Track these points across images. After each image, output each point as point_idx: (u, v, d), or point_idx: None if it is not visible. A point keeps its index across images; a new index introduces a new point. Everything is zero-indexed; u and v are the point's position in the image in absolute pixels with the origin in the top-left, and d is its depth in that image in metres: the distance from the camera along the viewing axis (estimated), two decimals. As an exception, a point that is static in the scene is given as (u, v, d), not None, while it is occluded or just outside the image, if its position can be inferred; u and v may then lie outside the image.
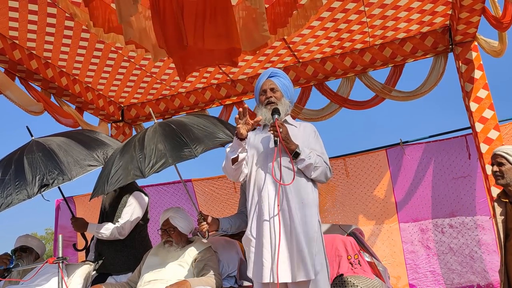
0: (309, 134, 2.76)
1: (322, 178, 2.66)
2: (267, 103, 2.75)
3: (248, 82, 5.56)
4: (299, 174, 2.60)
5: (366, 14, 4.40)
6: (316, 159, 2.60)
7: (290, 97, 2.86)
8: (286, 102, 2.80)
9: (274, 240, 2.48)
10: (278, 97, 2.78)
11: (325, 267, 2.51)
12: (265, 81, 2.84)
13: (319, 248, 2.50)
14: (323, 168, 2.62)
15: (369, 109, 5.32)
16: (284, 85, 2.84)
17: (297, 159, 2.56)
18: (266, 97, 2.77)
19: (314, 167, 2.58)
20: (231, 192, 6.13)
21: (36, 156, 3.26)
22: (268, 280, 2.45)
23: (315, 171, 2.59)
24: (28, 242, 3.93)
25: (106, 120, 5.97)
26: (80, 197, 6.59)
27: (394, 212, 5.41)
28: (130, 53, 4.75)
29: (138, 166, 2.92)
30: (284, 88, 2.82)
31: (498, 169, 3.12)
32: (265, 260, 2.47)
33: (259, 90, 2.85)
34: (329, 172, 2.68)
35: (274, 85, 2.80)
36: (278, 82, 2.82)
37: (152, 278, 3.12)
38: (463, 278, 5.02)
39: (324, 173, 2.64)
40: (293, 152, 2.56)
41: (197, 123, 3.17)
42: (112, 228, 3.52)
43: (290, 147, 2.56)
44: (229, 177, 2.80)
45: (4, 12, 3.87)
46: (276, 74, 2.86)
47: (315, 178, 2.63)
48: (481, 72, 4.61)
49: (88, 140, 3.56)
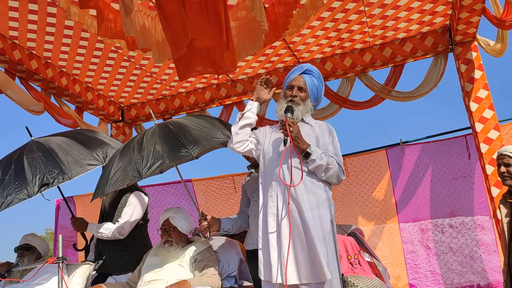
0: (324, 134, 2.67)
1: (334, 180, 2.58)
2: (289, 101, 2.68)
3: (248, 82, 5.56)
4: (311, 174, 2.54)
5: (366, 14, 4.41)
6: (328, 160, 2.52)
7: (316, 99, 2.77)
8: (309, 104, 2.73)
9: (282, 241, 2.44)
10: (303, 97, 2.70)
11: (337, 268, 2.46)
12: (296, 77, 2.75)
13: (331, 249, 2.45)
14: (335, 170, 2.54)
15: (369, 109, 5.33)
16: (314, 86, 2.74)
17: (308, 159, 2.51)
18: (291, 95, 2.70)
19: (326, 169, 2.51)
20: (231, 192, 6.13)
21: (36, 156, 3.26)
22: (275, 281, 2.42)
23: (326, 172, 2.52)
24: (31, 241, 3.94)
25: (106, 120, 5.97)
26: (80, 197, 6.59)
27: (394, 212, 5.41)
28: (130, 53, 4.75)
29: (136, 168, 2.93)
30: (312, 89, 2.73)
31: (506, 170, 3.09)
32: (273, 261, 2.44)
33: (288, 83, 2.77)
34: (342, 174, 2.59)
35: (303, 84, 2.71)
36: (308, 82, 2.73)
37: (152, 278, 3.12)
38: (463, 278, 5.02)
39: (336, 175, 2.56)
40: (304, 152, 2.50)
41: (196, 124, 3.18)
42: (112, 228, 3.52)
43: (301, 146, 2.51)
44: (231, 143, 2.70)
45: (4, 12, 3.87)
46: (310, 72, 2.76)
47: (326, 180, 2.56)
48: (481, 72, 4.61)
49: (88, 140, 3.56)
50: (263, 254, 2.54)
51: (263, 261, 2.53)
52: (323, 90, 2.83)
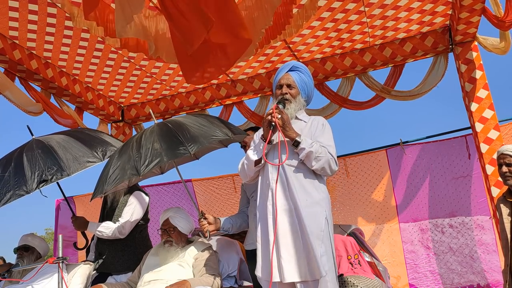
0: (317, 127, 2.66)
1: (327, 170, 2.53)
2: (280, 99, 2.68)
3: (248, 82, 5.56)
4: (306, 172, 2.54)
5: (366, 14, 4.41)
6: (319, 149, 2.49)
7: (307, 94, 2.77)
8: (301, 100, 2.73)
9: (278, 239, 2.45)
10: (293, 94, 2.70)
11: (332, 267, 2.45)
12: (284, 75, 2.75)
13: (326, 247, 2.43)
14: (326, 158, 2.50)
15: (369, 109, 5.33)
16: (303, 82, 2.74)
17: (297, 148, 2.51)
18: (281, 93, 2.70)
19: (316, 157, 2.48)
20: (231, 192, 6.13)
21: (35, 153, 3.27)
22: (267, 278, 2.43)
23: (317, 161, 2.48)
24: (30, 241, 3.94)
25: (106, 120, 5.97)
26: (80, 197, 6.59)
27: (394, 212, 5.41)
28: (130, 53, 4.75)
29: (134, 165, 2.94)
30: (302, 85, 2.73)
31: (508, 170, 3.08)
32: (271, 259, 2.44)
33: (277, 83, 2.76)
34: (333, 163, 2.54)
35: (292, 81, 2.71)
36: (297, 78, 2.72)
37: (152, 278, 3.12)
38: (463, 278, 5.02)
39: (327, 164, 2.51)
40: (294, 140, 2.51)
41: (194, 122, 3.18)
42: (112, 227, 3.53)
43: (290, 135, 2.51)
44: (245, 177, 2.74)
45: (4, 11, 3.87)
46: (297, 68, 2.76)
47: (317, 170, 2.52)
48: (481, 72, 4.60)
49: (87, 138, 3.56)
50: (261, 251, 2.55)
51: (261, 259, 2.54)
52: (312, 85, 2.83)
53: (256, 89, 5.54)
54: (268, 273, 2.44)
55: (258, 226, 2.60)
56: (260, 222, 2.60)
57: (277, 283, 2.45)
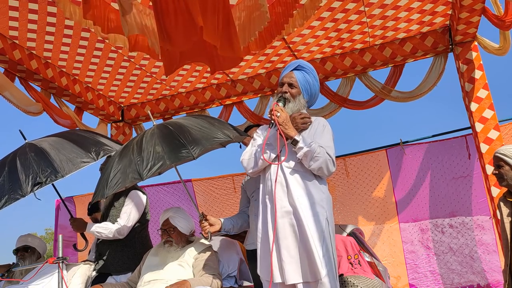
0: (317, 127, 2.64)
1: (324, 170, 2.51)
2: (279, 97, 2.66)
3: (248, 82, 5.56)
4: (306, 173, 2.54)
5: (366, 14, 4.41)
6: (317, 149, 2.48)
7: (310, 95, 2.73)
8: (302, 100, 2.69)
9: (279, 240, 2.45)
10: (294, 93, 2.66)
11: (333, 267, 2.44)
12: (287, 73, 2.72)
13: (327, 248, 2.42)
14: (324, 159, 2.48)
15: (369, 109, 5.33)
16: (307, 82, 2.70)
17: (296, 147, 2.51)
18: (281, 91, 2.68)
19: (314, 157, 2.46)
20: (231, 192, 6.13)
21: (28, 157, 3.26)
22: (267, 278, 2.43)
23: (314, 161, 2.47)
24: (30, 241, 3.94)
25: (106, 120, 5.97)
26: (80, 197, 6.59)
27: (394, 212, 5.41)
28: (130, 53, 4.75)
29: (136, 169, 2.92)
30: (305, 85, 2.69)
31: (498, 171, 3.11)
32: (272, 259, 2.43)
33: (280, 80, 2.74)
34: (331, 164, 2.52)
35: (294, 80, 2.68)
36: (300, 77, 2.68)
37: (152, 278, 3.12)
38: (463, 278, 5.02)
39: (325, 164, 2.49)
40: (292, 139, 2.51)
41: (195, 124, 3.17)
42: (111, 228, 3.53)
43: (289, 133, 2.51)
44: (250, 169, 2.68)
45: (4, 11, 3.87)
46: (302, 68, 2.72)
47: (314, 170, 2.51)
48: (481, 72, 4.60)
49: (80, 139, 3.55)
50: (261, 251, 2.55)
51: (261, 259, 2.54)
52: (317, 86, 2.78)
53: (256, 89, 5.54)
54: (268, 274, 2.44)
55: (259, 226, 2.60)
56: (260, 223, 2.60)
57: (279, 284, 2.45)
